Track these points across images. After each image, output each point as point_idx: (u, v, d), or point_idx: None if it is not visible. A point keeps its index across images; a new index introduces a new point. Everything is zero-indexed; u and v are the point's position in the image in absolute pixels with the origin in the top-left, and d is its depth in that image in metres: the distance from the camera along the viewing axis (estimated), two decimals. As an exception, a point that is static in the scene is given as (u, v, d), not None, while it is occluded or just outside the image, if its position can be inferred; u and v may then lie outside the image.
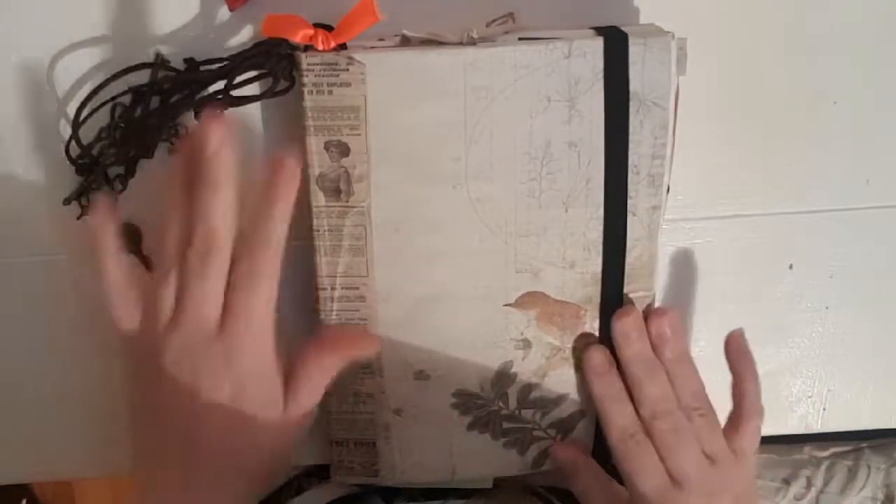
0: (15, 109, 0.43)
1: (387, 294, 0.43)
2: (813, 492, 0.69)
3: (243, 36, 0.42)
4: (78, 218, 0.44)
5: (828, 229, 0.49)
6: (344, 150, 0.40)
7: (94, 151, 0.42)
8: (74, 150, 0.42)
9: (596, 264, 0.43)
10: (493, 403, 0.45)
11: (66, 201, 0.43)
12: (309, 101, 0.39)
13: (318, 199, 0.41)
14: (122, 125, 0.42)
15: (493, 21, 0.41)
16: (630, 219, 0.42)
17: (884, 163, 0.48)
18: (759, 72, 0.46)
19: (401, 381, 0.44)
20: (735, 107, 0.46)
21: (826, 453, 0.72)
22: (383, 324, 0.43)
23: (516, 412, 0.46)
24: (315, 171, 0.41)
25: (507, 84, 0.39)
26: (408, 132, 0.40)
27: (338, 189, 0.41)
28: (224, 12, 0.42)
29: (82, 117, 0.41)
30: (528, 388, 0.45)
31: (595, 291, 0.43)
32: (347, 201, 0.41)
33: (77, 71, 0.42)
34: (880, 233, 0.49)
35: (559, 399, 0.46)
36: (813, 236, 0.49)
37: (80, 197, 0.43)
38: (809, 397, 0.53)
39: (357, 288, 0.43)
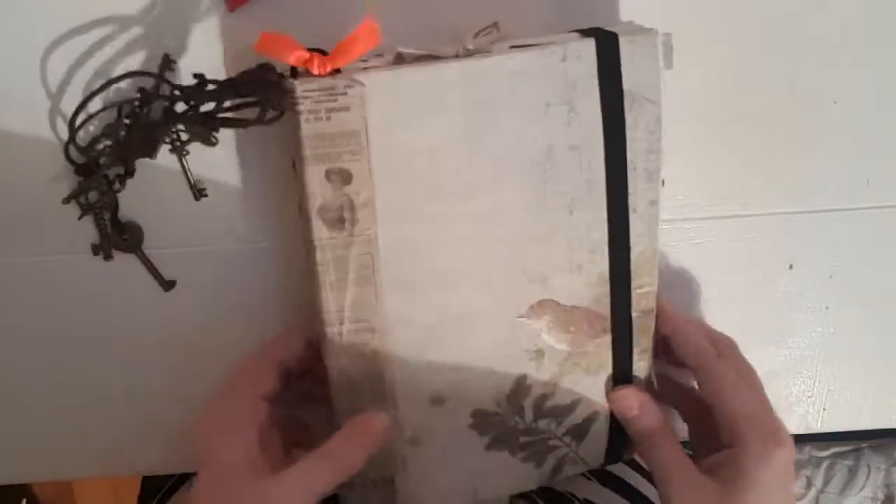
0: (16, 108, 0.43)
1: (398, 321, 0.41)
2: (813, 492, 0.70)
3: (243, 35, 0.42)
4: (79, 218, 0.44)
5: (828, 229, 0.49)
6: (346, 178, 0.38)
7: (94, 152, 0.42)
8: (74, 150, 0.42)
9: (602, 264, 0.42)
10: (511, 419, 0.44)
11: (66, 201, 0.43)
12: (306, 129, 0.37)
13: (321, 231, 0.39)
14: (128, 124, 0.42)
15: (480, 32, 0.41)
16: (631, 215, 0.42)
17: (884, 163, 0.48)
18: (760, 72, 0.46)
19: (416, 409, 0.43)
20: (735, 107, 0.46)
21: (826, 453, 0.72)
22: (395, 353, 0.42)
23: (532, 424, 0.45)
24: (316, 202, 0.38)
25: (504, 92, 0.39)
26: (410, 151, 0.39)
27: (341, 219, 0.39)
28: (224, 12, 0.42)
29: (78, 122, 0.41)
30: (543, 398, 0.44)
31: (603, 291, 0.43)
32: (353, 230, 0.39)
33: (76, 69, 0.42)
34: (880, 233, 0.49)
35: (573, 404, 0.45)
36: (813, 236, 0.49)
37: (80, 197, 0.43)
38: (809, 397, 0.53)
39: (366, 320, 0.41)
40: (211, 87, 0.40)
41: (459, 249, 0.41)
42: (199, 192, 0.44)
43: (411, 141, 0.39)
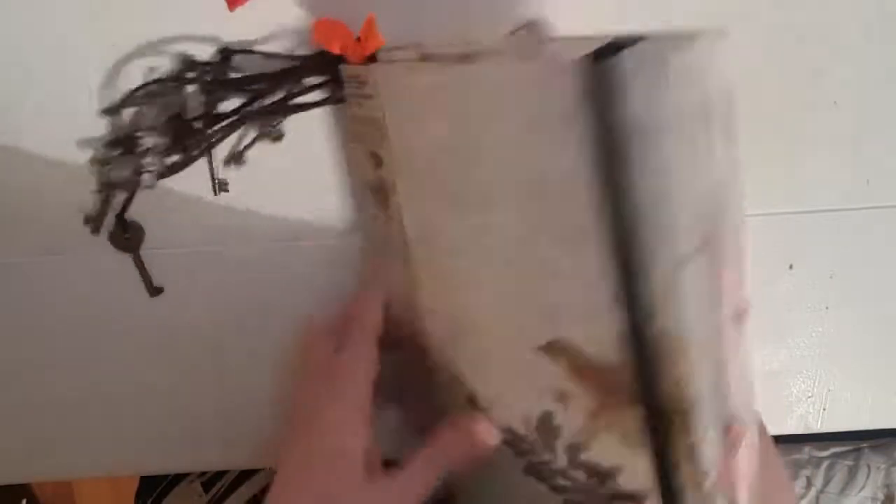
0: (18, 109, 0.43)
1: (431, 309, 0.40)
2: (813, 492, 0.70)
3: (243, 35, 0.42)
4: (96, 190, 0.44)
5: (828, 229, 0.49)
6: (378, 161, 0.39)
7: (134, 127, 0.42)
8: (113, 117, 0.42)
9: (621, 323, 0.32)
10: (542, 453, 0.39)
11: (93, 163, 0.43)
12: (349, 111, 0.40)
13: (370, 206, 0.41)
14: (155, 91, 0.41)
15: (515, 31, 0.40)
16: (641, 279, 0.30)
17: (884, 163, 0.48)
18: (759, 72, 0.46)
19: (455, 407, 0.42)
20: (735, 107, 0.46)
21: (826, 453, 0.72)
22: (434, 340, 0.41)
23: (569, 471, 0.39)
24: (365, 178, 0.41)
25: (488, 105, 0.33)
26: (418, 149, 0.38)
27: (384, 198, 0.40)
28: (224, 12, 0.42)
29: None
30: (577, 448, 0.37)
31: (625, 360, 0.32)
32: (388, 212, 0.40)
33: (73, 69, 0.42)
34: (880, 233, 0.49)
35: (613, 472, 0.36)
36: (813, 236, 0.49)
37: (104, 167, 0.42)
38: (809, 397, 0.53)
39: (407, 300, 0.41)
40: (277, 65, 0.41)
41: (467, 259, 0.37)
42: (220, 186, 0.44)
43: (418, 139, 0.37)
